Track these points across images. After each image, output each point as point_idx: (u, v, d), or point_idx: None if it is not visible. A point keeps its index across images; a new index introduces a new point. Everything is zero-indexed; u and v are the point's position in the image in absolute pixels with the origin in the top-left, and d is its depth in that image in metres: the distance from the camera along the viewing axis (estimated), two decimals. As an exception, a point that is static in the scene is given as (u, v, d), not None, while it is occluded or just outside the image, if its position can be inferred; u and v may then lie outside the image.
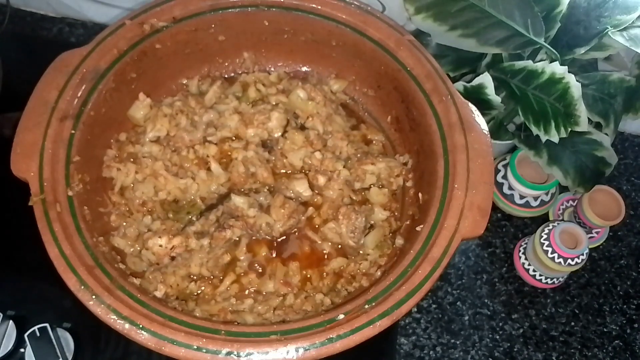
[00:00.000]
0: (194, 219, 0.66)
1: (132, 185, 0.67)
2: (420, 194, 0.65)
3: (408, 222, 0.66)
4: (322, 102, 0.73)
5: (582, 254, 0.72)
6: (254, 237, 0.66)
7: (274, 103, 0.73)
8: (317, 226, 0.67)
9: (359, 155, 0.71)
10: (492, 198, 0.59)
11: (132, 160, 0.68)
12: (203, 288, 0.62)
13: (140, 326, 0.49)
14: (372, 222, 0.68)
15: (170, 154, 0.68)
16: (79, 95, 0.61)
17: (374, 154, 0.72)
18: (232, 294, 0.62)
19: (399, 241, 0.65)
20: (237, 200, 0.65)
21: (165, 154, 0.68)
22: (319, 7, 0.68)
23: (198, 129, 0.70)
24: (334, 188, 0.68)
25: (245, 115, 0.71)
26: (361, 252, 0.66)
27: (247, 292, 0.63)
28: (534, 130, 0.67)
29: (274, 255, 0.66)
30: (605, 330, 0.77)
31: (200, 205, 0.68)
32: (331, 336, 0.49)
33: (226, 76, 0.77)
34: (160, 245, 0.62)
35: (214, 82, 0.74)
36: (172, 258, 0.63)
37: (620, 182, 0.88)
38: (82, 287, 0.51)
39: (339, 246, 0.66)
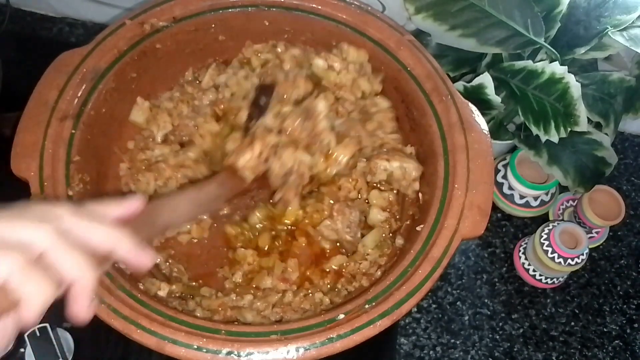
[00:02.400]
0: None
1: (155, 190, 0.67)
2: (420, 194, 0.65)
3: (408, 222, 0.66)
4: (344, 68, 0.69)
5: (582, 254, 0.72)
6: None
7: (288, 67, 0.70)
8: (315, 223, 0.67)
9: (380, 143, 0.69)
10: (492, 198, 0.59)
11: (145, 167, 0.67)
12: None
13: (141, 325, 0.49)
14: (371, 223, 0.68)
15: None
16: (79, 95, 0.61)
17: (395, 149, 0.69)
18: (232, 288, 0.62)
19: (399, 241, 0.65)
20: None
21: (174, 150, 0.68)
22: (319, 7, 0.68)
23: (200, 113, 0.69)
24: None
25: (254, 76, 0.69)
26: (360, 250, 0.66)
27: (248, 285, 0.63)
28: (534, 130, 0.67)
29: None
30: (605, 330, 0.77)
31: None
32: (331, 336, 0.49)
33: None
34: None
35: (209, 66, 0.73)
36: (266, 160, 0.60)
37: (620, 182, 0.89)
38: (82, 287, 0.51)
39: (337, 244, 0.67)
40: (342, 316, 0.51)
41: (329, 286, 0.64)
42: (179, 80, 0.74)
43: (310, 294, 0.63)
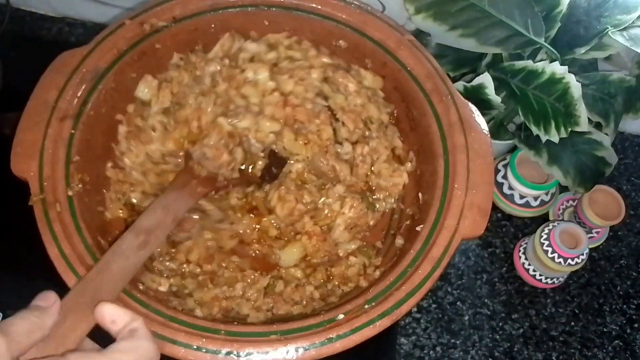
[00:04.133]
0: None
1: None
2: (420, 194, 0.65)
3: (408, 222, 0.66)
4: (357, 91, 0.69)
5: (582, 254, 0.72)
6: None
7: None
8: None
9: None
10: (492, 198, 0.59)
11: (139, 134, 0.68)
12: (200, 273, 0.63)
13: (140, 326, 0.49)
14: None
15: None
16: (78, 95, 0.61)
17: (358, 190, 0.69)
18: (224, 281, 0.63)
19: (399, 241, 0.65)
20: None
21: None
22: (319, 7, 0.68)
23: (201, 83, 0.67)
24: None
25: (282, 69, 0.68)
26: (343, 257, 0.66)
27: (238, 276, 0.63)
28: (534, 130, 0.67)
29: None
30: (605, 330, 0.77)
31: None
32: (331, 336, 0.49)
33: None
34: None
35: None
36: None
37: (620, 182, 0.89)
38: (82, 287, 0.51)
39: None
40: (341, 316, 0.51)
41: (321, 281, 0.64)
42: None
43: (301, 285, 0.63)
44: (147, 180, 0.67)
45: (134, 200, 0.67)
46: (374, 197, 0.69)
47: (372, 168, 0.69)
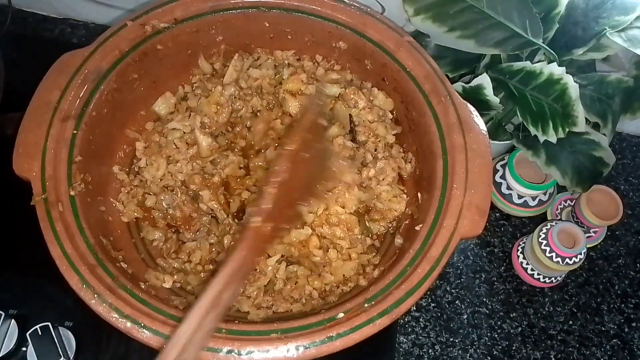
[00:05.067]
0: None
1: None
2: (419, 194, 0.66)
3: (407, 222, 0.67)
4: (367, 107, 0.70)
5: (580, 253, 0.72)
6: None
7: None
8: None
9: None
10: (491, 198, 0.59)
11: (158, 150, 0.70)
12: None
13: (142, 325, 0.50)
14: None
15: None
16: (80, 95, 0.62)
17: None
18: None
19: (398, 240, 0.66)
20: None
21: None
22: (319, 9, 0.69)
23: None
24: None
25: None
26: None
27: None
28: (532, 130, 0.68)
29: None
30: (603, 329, 0.77)
31: None
32: (331, 334, 0.50)
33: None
34: None
35: (228, 58, 0.73)
36: None
37: (618, 181, 0.89)
38: (84, 286, 0.52)
39: None
40: (341, 315, 0.51)
41: (316, 282, 0.64)
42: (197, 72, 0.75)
43: (300, 284, 0.63)
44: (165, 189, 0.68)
45: (148, 204, 0.68)
46: (369, 217, 0.68)
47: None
